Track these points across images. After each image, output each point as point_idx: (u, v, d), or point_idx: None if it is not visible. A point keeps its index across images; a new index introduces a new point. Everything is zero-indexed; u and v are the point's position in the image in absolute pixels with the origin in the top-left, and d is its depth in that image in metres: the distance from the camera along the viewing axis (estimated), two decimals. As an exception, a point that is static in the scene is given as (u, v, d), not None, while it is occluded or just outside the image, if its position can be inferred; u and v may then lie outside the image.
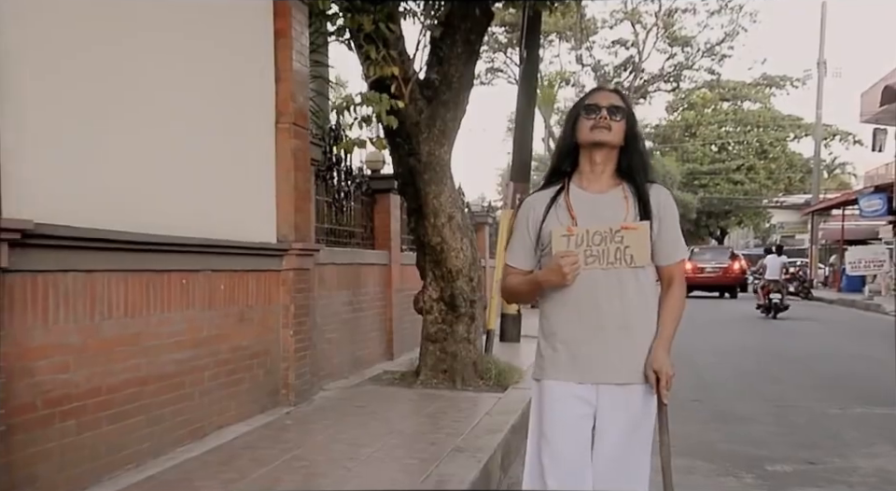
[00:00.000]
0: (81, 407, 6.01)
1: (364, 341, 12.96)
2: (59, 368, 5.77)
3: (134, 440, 6.62)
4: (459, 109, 11.02)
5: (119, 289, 6.47)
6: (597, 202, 4.08)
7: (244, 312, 8.51)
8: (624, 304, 4.00)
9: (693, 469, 7.66)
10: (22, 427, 5.34)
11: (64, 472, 5.80)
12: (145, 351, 6.80)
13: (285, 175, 9.40)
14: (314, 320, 10.08)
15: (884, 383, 12.93)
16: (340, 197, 12.47)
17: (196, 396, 7.58)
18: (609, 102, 4.09)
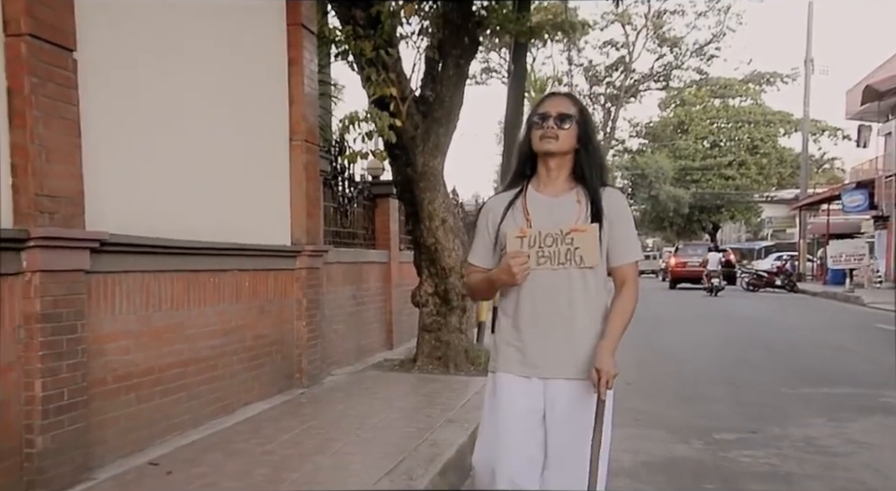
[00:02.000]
0: (139, 383, 6.96)
1: (367, 331, 13.65)
2: (123, 350, 6.74)
3: (179, 412, 7.54)
4: (451, 124, 11.79)
5: (167, 287, 7.39)
6: (552, 205, 4.10)
7: (264, 305, 9.31)
8: (573, 303, 4.03)
9: (651, 437, 8.51)
10: (98, 397, 6.32)
11: (127, 435, 6.74)
12: (186, 338, 7.71)
13: (298, 185, 10.18)
14: (323, 313, 10.79)
15: (837, 368, 13.83)
16: (344, 202, 13.29)
17: (226, 377, 8.44)
18: (558, 109, 4.09)
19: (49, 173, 5.72)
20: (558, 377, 4.03)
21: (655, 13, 55.16)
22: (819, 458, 7.75)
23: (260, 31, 9.62)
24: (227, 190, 8.68)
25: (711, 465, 7.59)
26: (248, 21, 9.30)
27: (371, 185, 14.68)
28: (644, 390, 11.42)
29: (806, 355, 15.70)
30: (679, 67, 61.45)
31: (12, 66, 5.52)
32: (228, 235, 8.51)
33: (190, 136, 7.92)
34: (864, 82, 42.77)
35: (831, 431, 8.89)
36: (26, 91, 5.54)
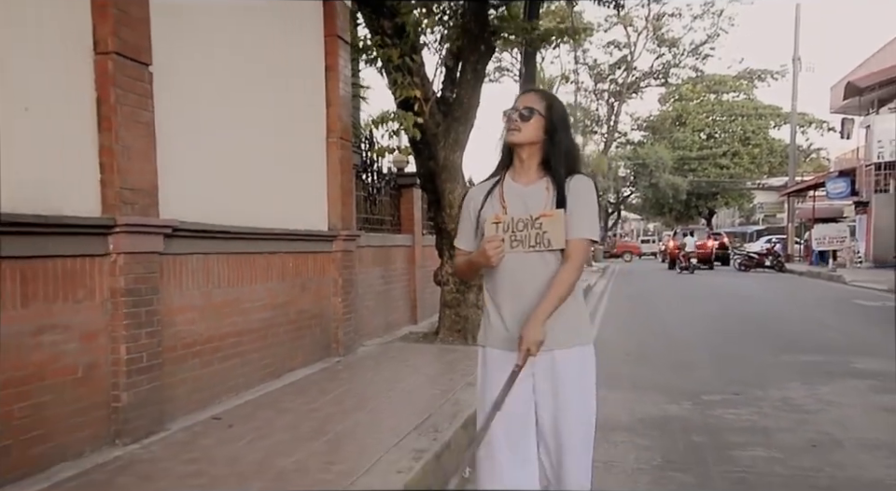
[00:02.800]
0: (202, 350, 7.35)
1: (394, 307, 13.94)
2: (189, 322, 7.13)
3: (234, 375, 7.92)
4: (469, 123, 12.03)
5: (224, 267, 7.77)
6: (524, 192, 4.07)
7: (305, 283, 9.65)
8: (545, 282, 3.96)
9: (647, 399, 8.82)
10: (169, 362, 6.70)
11: (193, 395, 7.13)
12: (240, 311, 8.07)
13: (333, 178, 10.50)
14: (356, 290, 11.06)
15: (815, 338, 14.06)
16: (373, 192, 13.57)
17: (274, 346, 8.78)
18: (524, 104, 4.07)
19: (130, 169, 6.09)
20: (547, 348, 3.91)
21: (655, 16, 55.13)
22: (793, 415, 8.03)
23: (302, 42, 9.88)
24: (273, 183, 8.97)
25: (699, 422, 7.83)
26: (291, 33, 9.57)
27: (397, 176, 14.91)
28: (641, 359, 11.75)
29: (789, 327, 15.90)
30: (676, 65, 61.48)
31: (101, 80, 5.89)
32: (275, 222, 8.82)
33: (242, 136, 8.22)
34: (846, 79, 43.10)
35: (805, 393, 9.16)
36: (112, 101, 5.91)
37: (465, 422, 6.82)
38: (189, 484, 5.07)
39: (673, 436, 7.36)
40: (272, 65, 9.03)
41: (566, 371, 3.97)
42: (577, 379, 4.04)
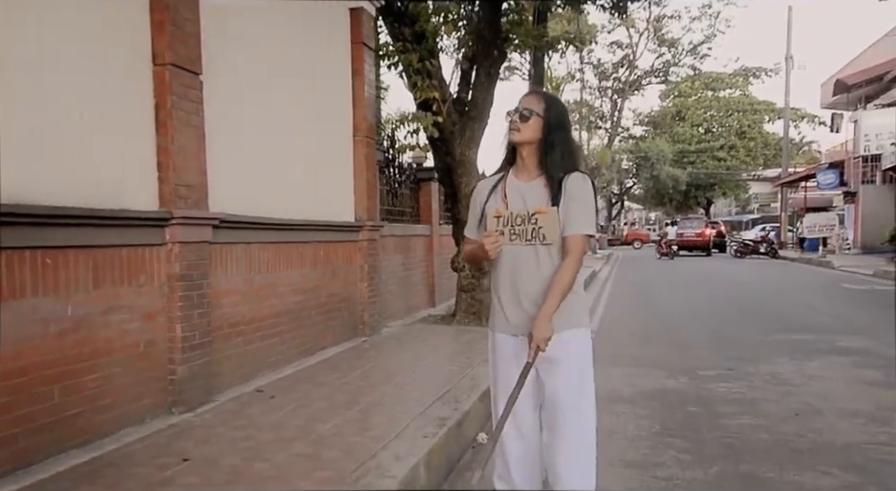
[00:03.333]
0: (245, 329, 7.59)
1: (414, 292, 14.13)
2: (233, 304, 7.38)
3: (274, 353, 8.16)
4: (483, 121, 12.24)
5: (264, 255, 8.01)
6: (524, 189, 4.08)
7: (335, 270, 9.85)
8: (541, 273, 3.99)
9: (647, 374, 9.04)
10: (217, 340, 6.97)
11: (237, 370, 7.39)
12: (278, 295, 8.30)
13: (359, 173, 10.68)
14: (380, 276, 11.24)
15: (804, 319, 14.24)
16: (395, 185, 13.76)
17: (308, 326, 9.00)
18: (525, 105, 4.09)
19: (183, 168, 6.37)
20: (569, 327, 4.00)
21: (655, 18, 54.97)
22: (780, 388, 8.29)
23: (331, 49, 10.06)
24: (306, 178, 9.16)
25: (694, 394, 8.07)
26: (322, 40, 9.76)
27: (416, 171, 15.06)
28: (643, 339, 11.96)
29: (780, 309, 16.03)
30: (676, 64, 61.25)
31: (158, 88, 6.16)
32: (308, 214, 9.01)
33: (279, 135, 8.42)
34: (835, 76, 43.05)
35: (792, 368, 9.40)
36: (168, 106, 6.18)
37: (482, 395, 6.96)
38: (241, 447, 5.35)
39: (670, 407, 7.56)
40: (304, 70, 9.20)
41: (562, 352, 3.96)
42: (572, 358, 4.05)
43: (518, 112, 4.06)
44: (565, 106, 4.40)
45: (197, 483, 4.58)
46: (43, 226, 5.02)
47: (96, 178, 5.58)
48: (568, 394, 4.00)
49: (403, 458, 5.08)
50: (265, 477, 4.67)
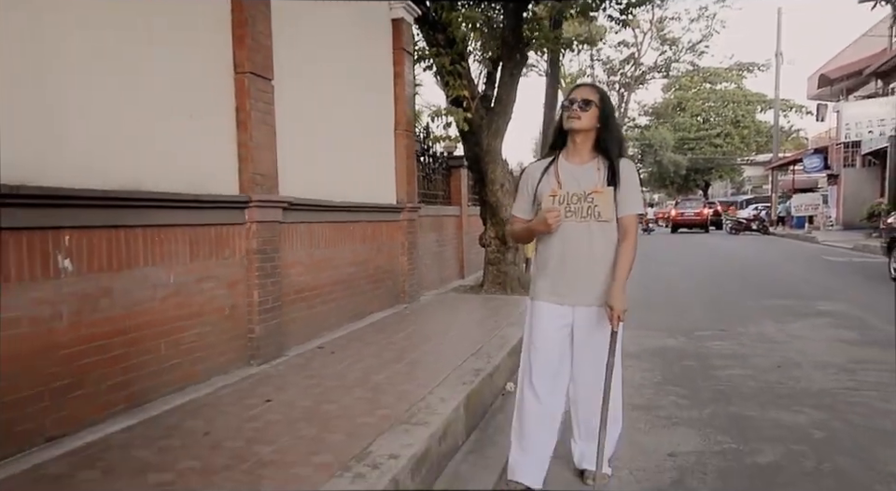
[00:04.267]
0: (307, 296, 7.89)
1: (446, 265, 14.35)
2: (298, 274, 7.68)
3: (330, 316, 8.44)
4: (507, 116, 12.47)
5: (323, 232, 8.29)
6: (577, 171, 4.07)
7: (380, 246, 10.11)
8: (592, 247, 4.01)
9: (650, 334, 9.27)
10: (286, 304, 7.29)
11: (302, 331, 7.68)
12: (334, 267, 8.59)
13: (400, 161, 10.97)
14: (417, 252, 11.48)
15: (788, 286, 14.41)
16: (429, 172, 13.94)
17: (358, 294, 9.28)
18: (582, 96, 4.06)
19: (259, 159, 6.69)
20: (581, 304, 4.08)
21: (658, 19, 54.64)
22: (766, 345, 8.55)
23: (377, 54, 10.33)
24: (356, 166, 9.40)
25: (691, 351, 8.33)
26: (369, 47, 10.02)
27: (448, 159, 15.22)
28: (646, 304, 12.07)
29: (767, 278, 16.17)
30: (676, 61, 60.50)
31: (239, 93, 6.50)
32: (357, 197, 9.27)
33: (333, 129, 8.66)
34: (820, 71, 43.01)
35: (776, 329, 9.64)
36: (247, 108, 6.52)
37: (510, 351, 7.23)
38: (311, 392, 5.70)
39: (670, 361, 7.82)
40: (354, 73, 9.42)
41: (601, 323, 4.02)
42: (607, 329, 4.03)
43: (577, 102, 4.05)
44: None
45: (279, 420, 4.96)
46: (153, 208, 5.40)
47: (192, 168, 5.94)
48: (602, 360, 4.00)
49: (447, 401, 5.35)
50: (334, 416, 5.01)
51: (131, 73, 5.28)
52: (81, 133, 4.79)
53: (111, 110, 5.08)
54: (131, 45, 5.29)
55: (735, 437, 5.26)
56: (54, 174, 4.51)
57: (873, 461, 4.77)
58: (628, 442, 5.14)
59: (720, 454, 4.92)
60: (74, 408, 4.65)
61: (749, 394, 6.45)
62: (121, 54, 5.19)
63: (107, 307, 4.96)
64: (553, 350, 4.19)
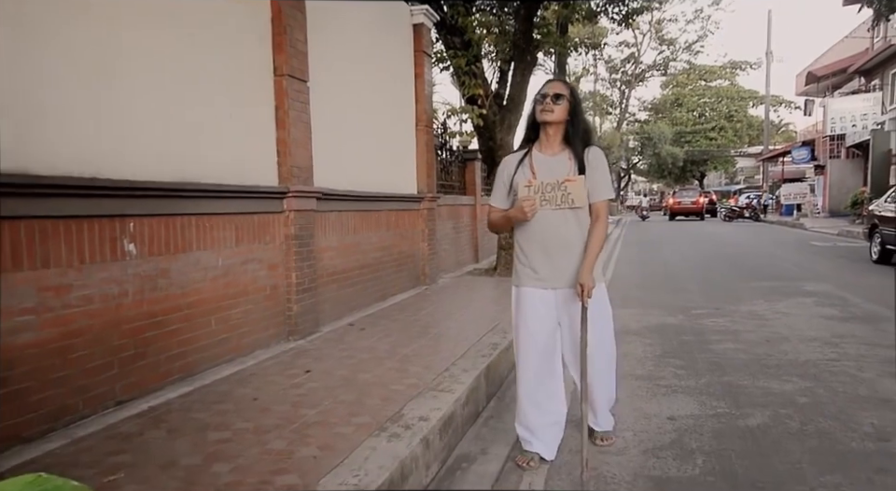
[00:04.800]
0: (338, 278, 8.05)
1: (461, 250, 14.41)
2: (330, 258, 7.84)
3: (358, 297, 8.61)
4: (519, 112, 12.53)
5: (352, 220, 8.44)
6: (550, 162, 4.05)
7: (403, 232, 10.27)
8: (568, 233, 4.00)
9: (650, 313, 9.39)
10: (320, 285, 7.44)
11: (334, 309, 7.86)
12: (361, 252, 8.73)
13: (421, 155, 11.12)
14: (436, 237, 11.61)
15: (777, 269, 14.44)
16: (446, 164, 14.00)
17: (383, 277, 9.44)
18: (554, 91, 4.04)
19: (296, 154, 6.84)
20: (563, 286, 4.07)
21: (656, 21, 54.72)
22: (756, 321, 8.66)
23: (399, 56, 10.47)
24: (381, 159, 9.53)
25: (689, 327, 8.44)
26: (392, 50, 10.16)
27: (463, 152, 15.30)
28: (647, 286, 12.25)
29: (758, 262, 16.16)
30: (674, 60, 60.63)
31: (278, 94, 6.66)
32: (382, 188, 9.43)
33: (360, 125, 8.78)
34: (807, 69, 42.99)
35: (766, 307, 9.73)
36: (285, 108, 6.68)
37: None
38: (346, 363, 5.86)
39: (669, 337, 7.93)
40: (379, 74, 9.55)
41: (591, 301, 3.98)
42: (598, 305, 4.14)
43: (550, 96, 4.03)
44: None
45: (320, 387, 5.15)
46: (204, 198, 5.59)
47: (237, 162, 6.12)
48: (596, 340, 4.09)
49: (468, 371, 5.52)
50: (369, 383, 5.20)
51: (185, 78, 5.47)
52: (144, 130, 4.98)
53: (168, 111, 5.27)
54: (185, 53, 5.47)
55: (728, 403, 5.41)
56: (121, 167, 4.71)
57: (851, 423, 4.94)
58: (631, 408, 5.32)
59: (714, 417, 5.08)
60: (138, 376, 4.86)
61: (741, 365, 6.58)
62: (177, 61, 5.37)
63: (165, 286, 5.17)
64: (542, 331, 4.18)
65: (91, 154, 4.46)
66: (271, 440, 4.01)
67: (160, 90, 5.17)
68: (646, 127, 64.84)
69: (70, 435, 4.12)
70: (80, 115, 4.41)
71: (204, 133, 5.71)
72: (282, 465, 3.63)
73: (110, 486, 3.20)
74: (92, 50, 4.53)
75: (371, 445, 3.90)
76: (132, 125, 4.87)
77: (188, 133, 5.50)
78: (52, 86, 4.20)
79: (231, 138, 6.07)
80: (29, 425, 3.98)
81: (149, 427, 4.29)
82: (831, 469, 4.12)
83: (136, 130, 4.92)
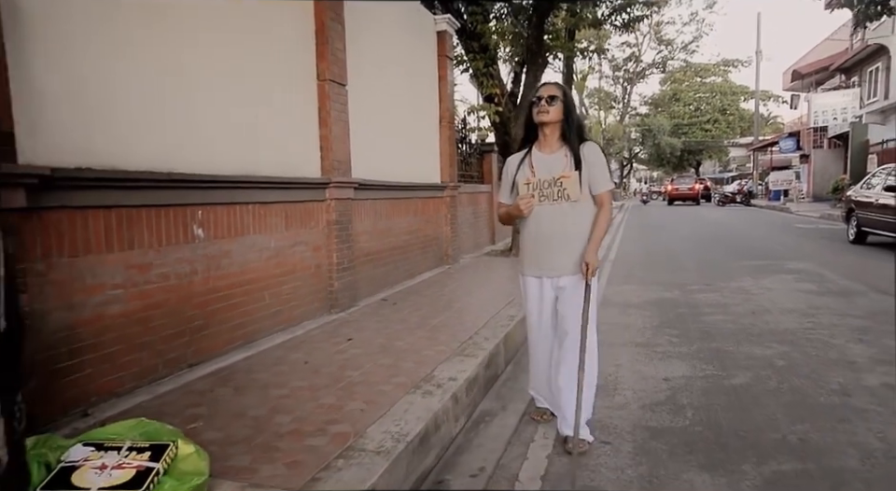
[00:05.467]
0: (372, 259, 8.25)
1: (480, 233, 14.59)
2: (365, 241, 8.04)
3: (390, 275, 8.80)
4: None
5: (383, 207, 8.63)
6: (549, 160, 3.99)
7: (428, 218, 10.46)
8: (565, 226, 3.95)
9: (649, 289, 9.54)
10: (357, 265, 7.66)
11: (368, 286, 8.07)
12: (392, 235, 8.93)
13: (444, 148, 11.29)
14: (457, 222, 11.75)
15: (764, 249, 14.51)
16: (466, 156, 14.12)
17: (411, 257, 9.63)
18: (549, 93, 3.97)
19: (336, 149, 7.06)
20: (562, 275, 4.00)
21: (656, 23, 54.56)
22: (743, 296, 8.82)
23: (425, 60, 10.64)
24: (409, 152, 9.72)
25: (684, 301, 8.60)
26: (419, 54, 10.32)
27: (481, 146, 15.39)
28: (646, 265, 12.41)
29: (747, 243, 16.20)
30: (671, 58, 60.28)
31: (321, 96, 6.88)
32: (410, 178, 9.62)
33: (391, 122, 8.96)
34: (793, 67, 43.05)
35: (752, 283, 9.87)
36: (327, 109, 6.90)
37: None
38: (383, 333, 6.10)
39: (666, 309, 8.10)
40: (408, 76, 9.73)
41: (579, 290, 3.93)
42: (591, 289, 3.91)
43: (546, 98, 3.97)
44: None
45: (361, 353, 5.40)
46: (259, 189, 5.83)
47: (286, 157, 6.36)
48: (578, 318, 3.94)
49: (490, 339, 5.75)
50: (404, 350, 5.44)
51: (242, 84, 5.70)
52: (208, 130, 5.24)
53: (228, 112, 5.51)
54: (242, 62, 5.70)
55: (716, 366, 5.62)
56: (190, 163, 4.97)
57: (820, 381, 5.16)
58: (632, 371, 5.54)
59: (703, 378, 5.31)
60: (206, 342, 5.14)
61: (729, 334, 6.77)
62: (235, 69, 5.61)
63: (227, 265, 5.43)
64: (541, 314, 4.19)
65: (165, 152, 4.73)
66: (322, 396, 4.28)
67: (222, 94, 5.42)
68: (646, 120, 64.66)
69: (153, 391, 4.42)
70: (156, 118, 4.67)
71: (259, 132, 5.94)
72: (334, 416, 3.90)
73: (193, 432, 3.48)
74: (165, 63, 4.78)
75: (409, 400, 4.16)
76: (198, 125, 5.12)
77: (245, 131, 5.73)
78: (135, 93, 4.46)
79: (280, 136, 6.28)
80: (121, 382, 4.28)
81: (218, 385, 4.57)
82: (801, 419, 4.37)
83: (202, 129, 5.17)
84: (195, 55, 5.10)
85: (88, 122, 4.07)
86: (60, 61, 3.87)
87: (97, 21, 4.16)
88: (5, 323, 2.11)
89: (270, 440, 3.55)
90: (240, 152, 5.65)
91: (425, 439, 3.74)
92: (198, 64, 5.14)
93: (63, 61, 3.89)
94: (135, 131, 4.47)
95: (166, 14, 4.79)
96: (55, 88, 3.81)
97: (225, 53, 5.48)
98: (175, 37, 4.87)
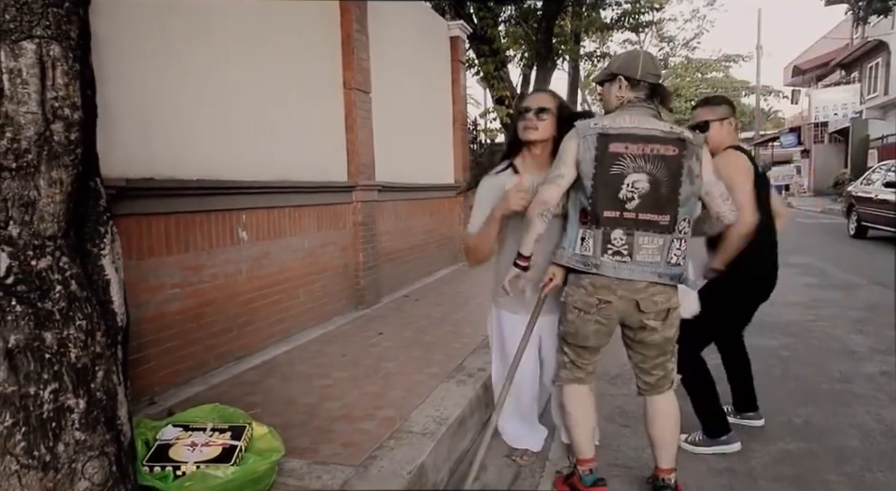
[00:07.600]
0: (394, 257, 8.52)
1: None
2: (387, 240, 8.30)
3: (410, 273, 9.08)
4: None
5: (403, 208, 8.91)
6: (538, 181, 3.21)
7: (443, 217, 10.71)
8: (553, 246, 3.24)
9: None
10: (381, 263, 7.93)
11: (391, 283, 8.33)
12: (412, 234, 9.22)
13: (457, 150, 11.57)
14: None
15: None
16: (478, 156, 14.27)
17: (429, 255, 9.90)
18: (538, 104, 3.33)
19: (361, 154, 7.36)
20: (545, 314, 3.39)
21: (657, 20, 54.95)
22: None
23: (439, 65, 10.91)
24: (425, 154, 9.98)
25: None
26: (434, 60, 10.61)
27: (491, 146, 15.33)
28: None
29: None
30: (673, 55, 60.83)
31: (347, 104, 7.19)
32: (427, 179, 9.88)
33: (408, 126, 9.21)
34: (794, 62, 43.38)
35: None
36: (353, 116, 7.21)
37: None
38: (410, 327, 6.42)
39: None
40: (424, 81, 10.00)
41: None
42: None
43: (534, 110, 3.34)
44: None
45: (392, 346, 5.72)
46: (294, 193, 6.16)
47: (316, 162, 6.67)
48: None
49: None
50: (431, 343, 5.78)
51: (276, 94, 6.02)
52: (248, 139, 5.56)
53: (265, 121, 5.84)
54: (276, 74, 6.02)
55: (724, 356, 5.97)
56: (234, 171, 5.31)
57: (823, 370, 5.51)
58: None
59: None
60: (250, 337, 5.48)
61: (735, 326, 7.10)
62: (271, 81, 5.93)
63: (268, 265, 5.77)
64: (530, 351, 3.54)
65: (212, 161, 5.06)
66: (364, 385, 4.62)
67: (259, 104, 5.74)
68: (648, 116, 65.00)
69: (207, 382, 4.76)
70: (204, 129, 5.00)
71: (292, 140, 6.25)
72: (378, 402, 4.24)
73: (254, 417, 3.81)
74: (210, 79, 5.11)
75: (445, 388, 4.50)
76: (239, 135, 5.44)
77: (280, 140, 6.05)
78: (184, 106, 4.80)
79: (312, 142, 6.59)
80: (178, 374, 4.62)
81: (266, 376, 4.90)
82: (805, 403, 4.72)
83: (243, 139, 5.48)
84: (237, 71, 5.42)
85: (148, 136, 4.39)
86: (124, 80, 4.19)
87: (151, 42, 4.48)
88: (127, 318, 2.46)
89: (324, 424, 3.88)
90: (278, 159, 5.97)
91: (462, 422, 4.08)
92: (239, 79, 5.45)
93: (126, 80, 4.21)
94: (186, 141, 4.80)
95: (210, 34, 5.11)
96: (122, 105, 4.14)
97: (261, 68, 5.79)
98: (217, 55, 5.19)
